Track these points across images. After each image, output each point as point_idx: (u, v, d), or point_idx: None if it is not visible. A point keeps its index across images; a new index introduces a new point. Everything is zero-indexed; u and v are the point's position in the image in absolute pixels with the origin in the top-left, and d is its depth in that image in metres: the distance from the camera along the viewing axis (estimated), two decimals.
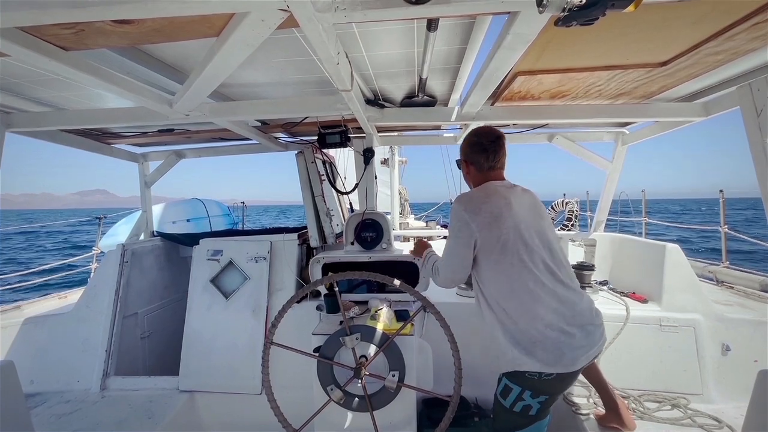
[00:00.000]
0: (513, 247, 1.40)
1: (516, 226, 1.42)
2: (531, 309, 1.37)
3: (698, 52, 1.40)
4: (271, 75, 1.90)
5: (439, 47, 1.56)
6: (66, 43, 1.25)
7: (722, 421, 1.93)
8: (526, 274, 1.39)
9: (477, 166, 1.59)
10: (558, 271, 1.43)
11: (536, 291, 1.38)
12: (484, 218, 1.43)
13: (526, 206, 1.49)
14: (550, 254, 1.44)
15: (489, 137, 1.56)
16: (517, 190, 1.55)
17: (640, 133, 2.79)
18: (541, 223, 1.49)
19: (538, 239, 1.44)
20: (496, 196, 1.48)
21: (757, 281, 2.92)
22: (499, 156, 1.57)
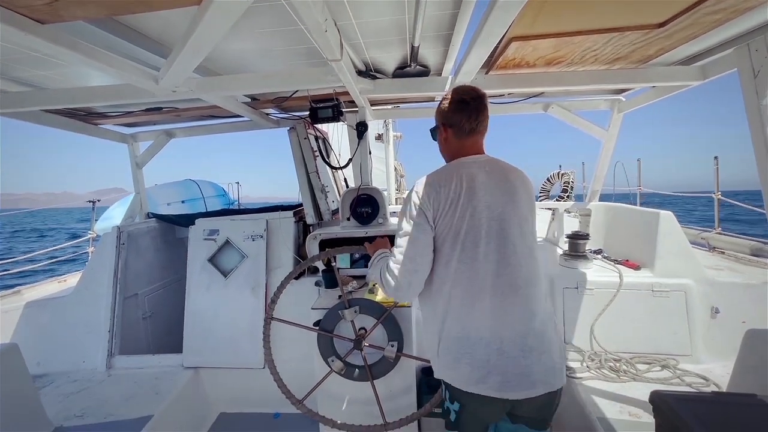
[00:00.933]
0: (464, 241, 1.18)
1: (474, 216, 1.19)
2: (468, 315, 1.16)
3: (696, 11, 1.36)
4: (258, 46, 1.84)
5: (430, 12, 1.51)
6: (40, 15, 1.20)
7: (709, 380, 2.00)
8: (472, 274, 1.17)
9: (456, 129, 1.31)
10: (517, 275, 1.17)
11: (480, 296, 1.15)
12: (440, 204, 1.21)
13: (498, 191, 1.22)
14: (513, 254, 1.18)
15: (471, 94, 1.31)
16: (494, 168, 1.27)
17: (637, 99, 2.76)
18: (513, 213, 1.22)
19: (500, 234, 1.19)
20: (459, 177, 1.23)
21: (748, 246, 2.97)
22: (482, 117, 1.31)
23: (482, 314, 1.15)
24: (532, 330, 1.15)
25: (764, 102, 1.55)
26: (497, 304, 1.14)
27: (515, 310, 1.15)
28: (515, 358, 1.11)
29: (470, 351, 1.14)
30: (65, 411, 2.09)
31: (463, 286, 1.17)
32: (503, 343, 1.12)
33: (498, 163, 1.30)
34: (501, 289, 1.15)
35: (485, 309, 1.14)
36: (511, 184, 1.25)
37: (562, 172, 7.42)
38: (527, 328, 1.14)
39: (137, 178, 3.45)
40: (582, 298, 2.36)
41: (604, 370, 2.12)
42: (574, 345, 2.31)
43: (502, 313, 1.14)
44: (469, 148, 1.32)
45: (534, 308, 1.17)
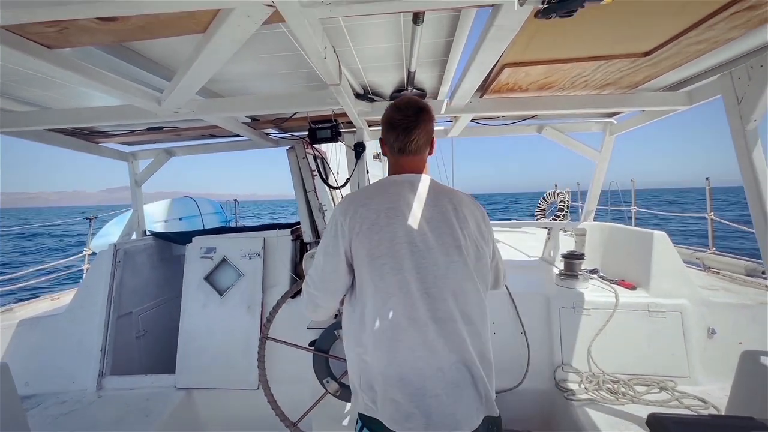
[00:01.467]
0: (381, 267, 1.06)
1: (393, 240, 1.06)
2: (387, 350, 1.04)
3: (680, 42, 1.43)
4: (259, 70, 1.90)
5: (426, 40, 1.57)
6: (50, 41, 1.24)
7: (708, 402, 1.99)
8: (391, 304, 1.05)
9: (389, 147, 1.22)
10: (438, 308, 1.05)
11: (399, 329, 1.04)
12: (360, 224, 1.09)
13: (425, 216, 1.10)
14: (434, 285, 1.05)
15: (402, 111, 1.18)
16: (426, 190, 1.15)
17: (628, 122, 2.83)
18: (439, 241, 1.08)
19: (422, 262, 1.06)
20: (384, 195, 1.13)
21: (743, 266, 2.99)
22: (413, 136, 1.16)
23: (401, 349, 1.03)
24: (456, 366, 1.03)
25: (748, 127, 1.60)
26: (417, 339, 1.03)
27: (437, 345, 1.03)
28: (437, 397, 1.01)
29: (390, 389, 1.03)
30: None
31: (381, 318, 1.06)
32: (425, 381, 1.01)
33: (435, 186, 1.18)
34: (421, 323, 1.03)
35: (405, 344, 1.03)
36: (442, 208, 1.12)
37: (557, 191, 7.50)
38: (450, 364, 1.03)
39: (136, 195, 3.47)
40: (578, 318, 2.36)
41: (602, 391, 2.10)
42: (572, 366, 2.30)
43: (423, 349, 1.03)
44: (404, 167, 1.21)
45: (459, 343, 1.05)
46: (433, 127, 1.23)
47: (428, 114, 1.20)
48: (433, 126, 1.22)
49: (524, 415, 2.27)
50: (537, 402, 2.29)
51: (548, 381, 2.29)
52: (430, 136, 1.22)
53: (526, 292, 2.48)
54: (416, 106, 1.19)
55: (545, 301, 2.43)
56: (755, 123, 1.59)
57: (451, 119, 2.79)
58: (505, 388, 2.28)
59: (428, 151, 1.24)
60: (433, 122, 1.22)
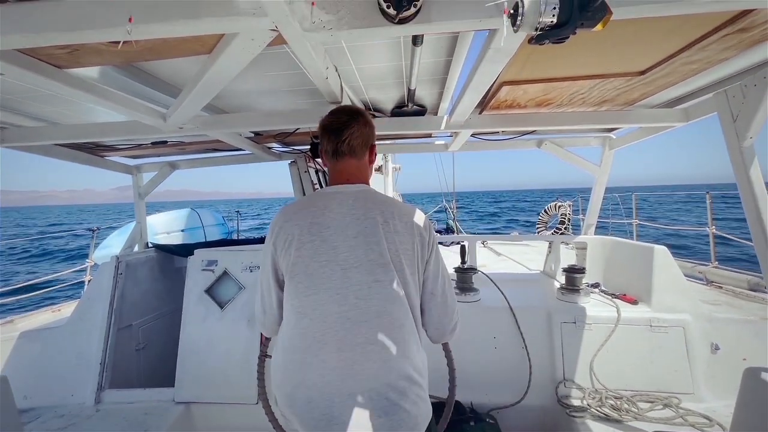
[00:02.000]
0: (299, 285, 1.03)
1: (314, 257, 1.03)
2: (298, 371, 1.01)
3: (673, 62, 1.46)
4: (263, 87, 1.94)
5: (425, 60, 1.61)
6: (60, 62, 1.28)
7: (713, 420, 1.96)
8: (307, 324, 1.01)
9: (324, 153, 1.18)
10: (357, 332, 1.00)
11: (311, 351, 1.00)
12: (283, 240, 1.07)
13: (351, 230, 1.05)
14: (356, 307, 1.01)
15: (334, 115, 1.16)
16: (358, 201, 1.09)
17: (626, 137, 2.86)
18: (364, 258, 1.03)
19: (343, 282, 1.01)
20: (309, 209, 1.09)
21: (746, 280, 2.98)
22: (344, 135, 1.11)
23: (311, 373, 0.99)
24: (369, 394, 0.97)
25: (744, 144, 1.62)
26: (329, 364, 0.98)
27: (350, 370, 0.97)
28: (343, 425, 0.95)
29: (299, 412, 0.99)
30: None
31: (294, 338, 1.02)
32: (332, 408, 0.96)
33: (367, 196, 1.11)
34: (334, 347, 0.99)
35: (315, 367, 0.99)
36: (371, 221, 1.05)
37: (558, 204, 7.51)
38: (363, 390, 0.97)
39: (139, 208, 3.50)
40: (580, 333, 2.34)
41: (605, 408, 2.08)
42: (574, 382, 2.28)
43: (334, 374, 0.98)
44: (339, 174, 1.15)
45: (376, 369, 0.98)
46: (372, 134, 1.19)
47: (362, 117, 1.15)
48: (371, 131, 1.17)
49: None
50: (539, 418, 2.26)
51: (550, 397, 2.27)
52: (368, 140, 1.17)
53: (528, 307, 2.47)
54: (350, 109, 1.17)
55: (546, 315, 2.42)
56: (751, 140, 1.61)
57: (451, 134, 2.82)
58: (506, 404, 2.26)
59: (368, 158, 1.19)
60: (371, 128, 1.18)
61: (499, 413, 2.22)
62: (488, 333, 2.42)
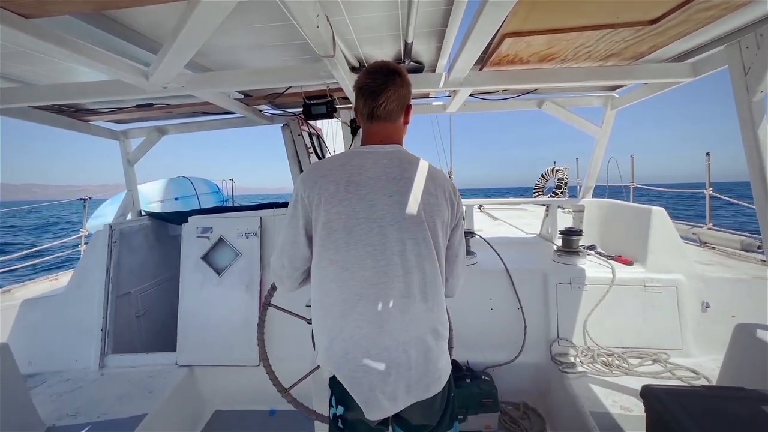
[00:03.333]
0: (337, 241, 1.04)
1: (351, 214, 1.04)
2: (337, 325, 1.05)
3: (689, 8, 1.37)
4: (250, 42, 1.82)
5: (423, 8, 1.50)
6: (26, 10, 1.17)
7: (699, 373, 2.03)
8: (345, 279, 1.04)
9: (359, 115, 1.17)
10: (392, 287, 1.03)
11: (350, 305, 1.03)
12: (318, 195, 1.07)
13: (387, 189, 1.06)
14: (392, 263, 1.04)
15: (371, 74, 1.11)
16: (392, 162, 1.10)
17: (630, 96, 2.77)
18: (400, 216, 1.05)
19: (380, 238, 1.04)
20: (346, 166, 1.09)
21: (738, 241, 3.01)
22: (381, 99, 1.09)
23: (348, 325, 1.03)
24: (402, 347, 1.02)
25: (754, 99, 1.56)
26: (366, 316, 1.02)
27: (386, 324, 1.02)
28: (380, 374, 1.00)
29: (335, 365, 1.04)
30: (58, 411, 2.08)
31: (333, 291, 1.05)
32: (367, 358, 1.01)
33: (403, 158, 1.12)
34: (371, 299, 1.02)
35: (352, 319, 1.03)
36: (406, 182, 1.07)
37: (556, 168, 7.46)
38: (396, 344, 1.02)
39: (129, 175, 3.41)
40: (575, 293, 2.38)
41: (596, 364, 2.15)
42: (568, 340, 2.34)
43: (370, 327, 1.02)
44: (373, 136, 1.15)
45: (409, 322, 1.03)
46: (409, 93, 1.16)
47: (401, 78, 1.12)
48: (407, 92, 1.15)
49: (520, 388, 2.33)
50: (533, 375, 2.34)
51: (544, 355, 2.33)
52: (404, 102, 1.14)
53: (524, 269, 2.49)
54: (387, 68, 1.12)
55: (542, 277, 2.44)
56: (762, 94, 1.55)
57: (449, 94, 2.72)
58: (501, 362, 2.33)
59: (403, 120, 1.18)
60: (408, 88, 1.15)
61: (494, 371, 2.29)
62: (485, 295, 2.45)
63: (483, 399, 2.04)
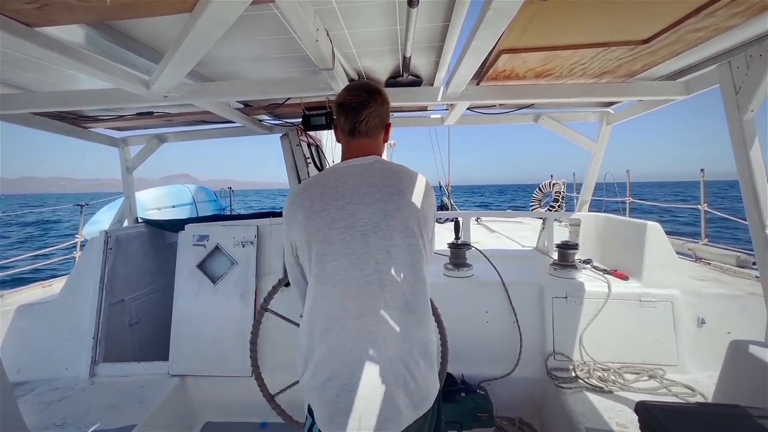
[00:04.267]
0: (318, 253, 1.03)
1: (331, 224, 1.02)
2: (322, 342, 1.00)
3: (679, 29, 1.40)
4: (251, 54, 1.85)
5: (421, 24, 1.53)
6: (30, 20, 1.19)
7: (696, 390, 2.02)
8: (330, 293, 1.01)
9: (340, 130, 1.18)
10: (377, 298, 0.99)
11: (335, 320, 1.00)
12: (296, 212, 1.07)
13: (368, 198, 1.05)
14: (376, 272, 1.00)
15: (353, 92, 1.13)
16: (373, 171, 1.09)
17: (625, 112, 2.81)
18: (384, 224, 1.03)
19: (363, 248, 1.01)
20: (323, 180, 1.10)
21: (734, 257, 3.02)
22: (363, 115, 1.11)
23: (332, 341, 0.99)
24: (390, 363, 0.97)
25: (745, 117, 1.59)
26: (350, 331, 0.98)
27: (371, 338, 0.97)
28: (363, 397, 0.95)
29: (320, 385, 0.99)
30: (45, 420, 2.04)
31: (317, 307, 1.03)
32: (353, 377, 0.96)
33: (381, 166, 1.12)
34: (355, 313, 0.99)
35: (336, 335, 0.98)
36: (387, 189, 1.06)
37: (553, 182, 7.51)
38: (384, 359, 0.97)
39: (127, 182, 3.42)
40: (571, 307, 2.37)
41: (592, 380, 2.13)
42: (563, 354, 2.32)
43: (355, 342, 0.97)
44: (354, 150, 1.15)
45: (396, 336, 0.99)
46: (388, 112, 1.18)
47: (381, 96, 1.15)
48: (387, 110, 1.17)
49: (516, 403, 2.31)
50: (528, 390, 2.32)
51: (540, 369, 2.32)
52: (384, 119, 1.17)
53: (520, 282, 2.49)
54: (368, 87, 1.16)
55: (538, 290, 2.44)
56: (752, 113, 1.58)
57: (447, 107, 2.75)
58: (496, 376, 2.31)
59: (383, 137, 1.20)
60: (387, 106, 1.17)
61: (489, 384, 2.27)
62: (480, 307, 2.45)
63: (478, 413, 2.02)
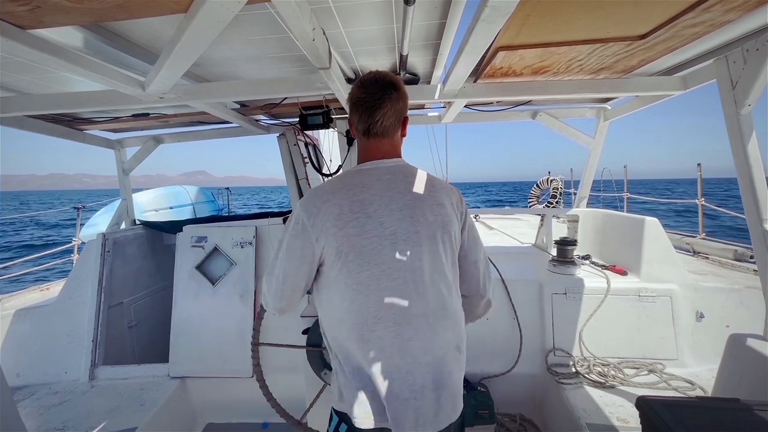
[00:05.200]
0: (349, 263, 0.99)
1: (361, 234, 0.99)
2: (358, 349, 0.99)
3: (675, 25, 1.40)
4: (247, 54, 1.84)
5: (418, 22, 1.52)
6: (23, 22, 1.18)
7: (695, 384, 2.03)
8: (362, 301, 0.99)
9: (355, 129, 1.12)
10: (411, 305, 0.99)
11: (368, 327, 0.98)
12: (322, 222, 1.01)
13: (395, 204, 1.02)
14: (409, 280, 0.99)
15: (366, 88, 1.05)
16: (397, 176, 1.06)
17: (622, 108, 2.82)
18: (412, 231, 1.01)
19: (392, 255, 1.00)
20: (347, 187, 1.04)
21: (731, 251, 3.03)
22: (377, 116, 1.04)
23: (369, 350, 0.97)
24: (427, 369, 0.98)
25: (742, 112, 1.59)
26: (386, 340, 0.97)
27: (407, 345, 0.97)
28: (405, 401, 0.96)
29: (358, 389, 0.98)
30: (45, 424, 2.03)
31: (353, 315, 1.00)
32: (393, 384, 0.96)
33: (406, 171, 1.08)
34: (390, 321, 0.97)
35: (373, 344, 0.97)
36: (413, 196, 1.04)
37: (551, 178, 7.52)
38: (420, 366, 0.97)
39: (124, 184, 3.40)
40: (570, 303, 2.38)
41: (592, 375, 2.14)
42: (564, 350, 2.33)
43: (392, 350, 0.97)
44: (373, 151, 1.09)
45: (431, 342, 0.99)
46: (406, 106, 1.10)
47: (397, 91, 1.05)
48: (404, 105, 1.09)
49: (516, 399, 2.31)
50: (529, 386, 2.33)
51: (540, 365, 2.32)
52: (401, 116, 1.09)
53: (519, 279, 2.49)
54: (383, 81, 1.05)
55: (538, 287, 2.45)
56: (749, 108, 1.58)
57: (445, 105, 2.75)
58: (497, 373, 2.31)
59: (400, 132, 1.12)
60: (405, 101, 1.08)
61: (490, 382, 2.27)
62: None
63: (479, 411, 2.02)
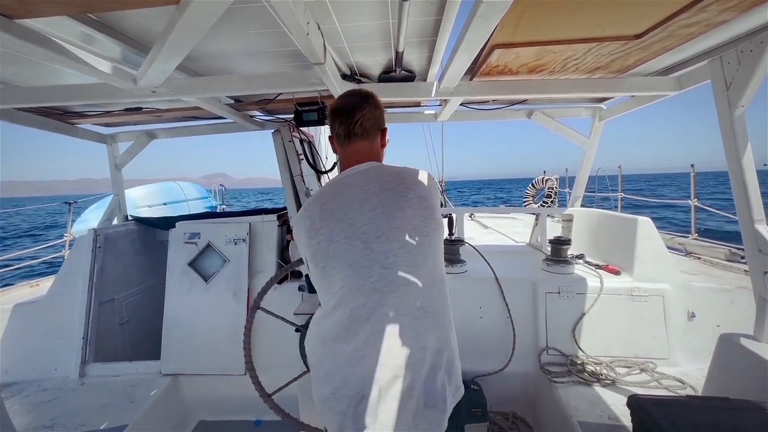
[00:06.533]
0: (325, 266, 1.01)
1: (331, 238, 1.00)
2: (332, 352, 0.97)
3: (671, 24, 1.40)
4: (241, 48, 1.81)
5: (414, 18, 1.51)
6: (9, 11, 1.15)
7: (686, 382, 2.05)
8: (338, 303, 0.98)
9: (335, 138, 1.18)
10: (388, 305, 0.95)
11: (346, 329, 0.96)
12: (300, 234, 1.08)
13: (369, 203, 1.03)
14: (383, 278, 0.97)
15: (345, 97, 1.16)
16: (371, 175, 1.08)
17: (617, 108, 2.83)
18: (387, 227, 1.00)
19: (374, 251, 0.98)
20: (323, 196, 1.09)
21: (723, 252, 3.06)
22: (357, 116, 1.11)
23: (345, 352, 0.95)
24: (405, 372, 0.93)
25: (736, 113, 1.60)
26: (362, 341, 0.94)
27: (384, 347, 0.93)
28: (374, 407, 0.91)
29: (332, 395, 0.94)
30: (34, 421, 2.01)
31: (327, 317, 1.00)
32: (364, 387, 0.91)
33: (379, 171, 1.09)
34: (364, 320, 0.95)
35: (349, 345, 0.94)
36: (389, 193, 1.04)
37: (546, 177, 7.55)
38: (398, 366, 0.92)
39: (116, 179, 3.36)
40: (564, 302, 2.39)
41: (584, 374, 2.15)
42: (556, 349, 2.34)
43: (369, 351, 0.93)
44: (351, 156, 1.14)
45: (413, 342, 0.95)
46: (383, 117, 1.19)
47: (373, 100, 1.16)
48: (381, 114, 1.18)
49: (509, 398, 2.32)
50: (522, 384, 2.33)
51: (533, 364, 2.33)
52: (379, 123, 1.17)
53: (513, 277, 2.49)
54: (360, 92, 1.18)
55: (531, 286, 2.45)
56: (743, 109, 1.59)
57: (441, 103, 2.74)
58: (490, 371, 2.32)
59: (380, 142, 1.19)
60: (381, 111, 1.18)
61: (483, 380, 2.28)
62: (474, 303, 2.45)
63: (472, 409, 2.02)
